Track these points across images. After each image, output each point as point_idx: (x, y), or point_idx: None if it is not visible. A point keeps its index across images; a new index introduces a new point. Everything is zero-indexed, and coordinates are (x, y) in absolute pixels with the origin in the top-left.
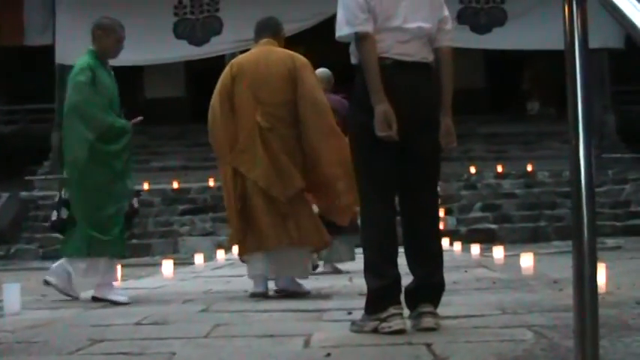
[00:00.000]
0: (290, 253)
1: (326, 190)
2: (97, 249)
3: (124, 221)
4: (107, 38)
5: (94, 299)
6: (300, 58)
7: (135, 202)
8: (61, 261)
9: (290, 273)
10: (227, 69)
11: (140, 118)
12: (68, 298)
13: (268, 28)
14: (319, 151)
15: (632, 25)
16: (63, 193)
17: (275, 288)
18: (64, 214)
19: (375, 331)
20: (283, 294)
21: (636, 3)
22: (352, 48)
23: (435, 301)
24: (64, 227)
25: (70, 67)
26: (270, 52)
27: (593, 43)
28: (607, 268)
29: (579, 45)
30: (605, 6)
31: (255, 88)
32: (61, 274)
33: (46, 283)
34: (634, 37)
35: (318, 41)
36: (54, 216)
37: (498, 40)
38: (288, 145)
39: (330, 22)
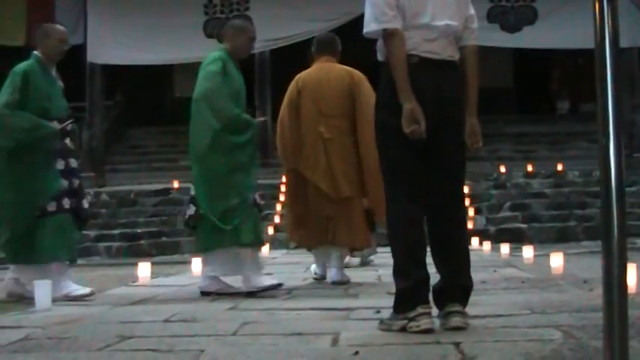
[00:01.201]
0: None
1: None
2: (218, 240)
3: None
4: (239, 37)
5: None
6: (357, 74)
7: (257, 197)
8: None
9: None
10: (293, 83)
11: (265, 118)
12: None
13: (328, 48)
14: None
15: None
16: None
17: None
18: (192, 210)
19: (404, 330)
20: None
21: None
22: (379, 45)
23: (464, 300)
24: (195, 224)
25: (100, 65)
26: (330, 69)
27: (623, 42)
28: (637, 268)
29: (609, 43)
30: (637, 3)
31: (318, 102)
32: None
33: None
34: None
35: (345, 41)
36: (190, 211)
37: (529, 39)
38: (346, 152)
39: (356, 22)
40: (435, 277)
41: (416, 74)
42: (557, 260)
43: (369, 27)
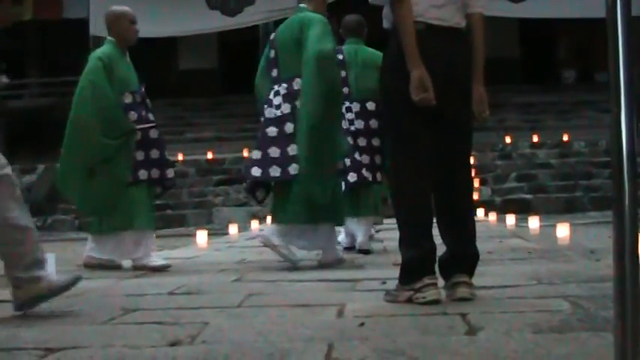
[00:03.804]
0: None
1: None
2: None
3: None
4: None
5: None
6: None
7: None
8: None
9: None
10: None
11: None
12: None
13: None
14: None
15: None
16: None
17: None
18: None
19: (410, 301)
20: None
21: None
22: (386, 12)
23: (470, 271)
24: None
25: (104, 39)
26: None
27: (636, 11)
28: None
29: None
30: None
31: None
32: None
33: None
34: None
35: (351, 10)
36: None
37: (534, 8)
38: None
39: None
40: (440, 247)
41: (423, 41)
42: (563, 230)
43: None
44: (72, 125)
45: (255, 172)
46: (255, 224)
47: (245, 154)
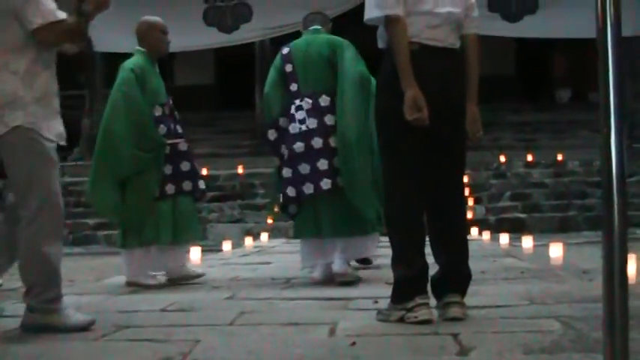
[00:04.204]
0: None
1: None
2: None
3: None
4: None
5: None
6: None
7: None
8: None
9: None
10: None
11: None
12: None
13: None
14: None
15: None
16: None
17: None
18: None
19: (401, 320)
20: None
21: None
22: (380, 32)
23: (462, 290)
24: None
25: (100, 53)
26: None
27: (626, 31)
28: (637, 258)
29: (612, 30)
30: None
31: None
32: None
33: None
34: None
35: (346, 30)
36: None
37: (530, 28)
38: None
39: (355, 10)
40: (433, 267)
41: (417, 61)
42: (556, 250)
43: (371, 13)
44: (104, 137)
45: (291, 192)
46: (248, 241)
47: (240, 170)
